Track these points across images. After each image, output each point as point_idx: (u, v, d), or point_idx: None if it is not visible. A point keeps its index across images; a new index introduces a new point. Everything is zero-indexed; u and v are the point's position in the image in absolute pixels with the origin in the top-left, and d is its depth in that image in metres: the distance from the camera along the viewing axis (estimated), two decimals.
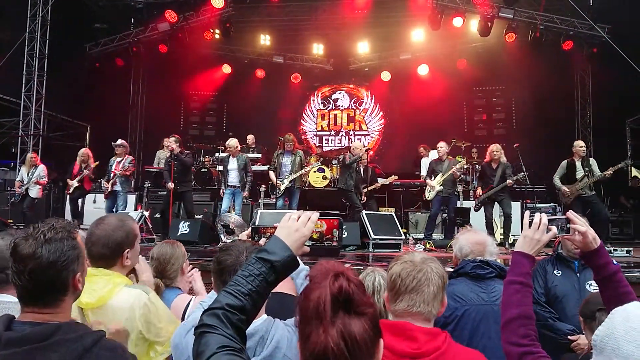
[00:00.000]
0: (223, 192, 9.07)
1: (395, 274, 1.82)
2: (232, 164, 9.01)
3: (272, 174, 9.27)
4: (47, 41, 12.82)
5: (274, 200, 9.31)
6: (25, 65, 12.67)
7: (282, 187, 9.04)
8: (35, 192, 9.68)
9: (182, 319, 2.50)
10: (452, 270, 2.85)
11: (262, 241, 2.30)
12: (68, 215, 9.83)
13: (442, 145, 9.07)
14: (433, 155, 9.77)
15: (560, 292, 3.58)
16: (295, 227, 1.52)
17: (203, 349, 1.24)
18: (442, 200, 8.86)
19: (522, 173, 8.51)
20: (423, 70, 15.01)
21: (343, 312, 1.14)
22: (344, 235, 7.73)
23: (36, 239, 1.50)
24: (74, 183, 9.39)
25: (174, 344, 1.89)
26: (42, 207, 10.03)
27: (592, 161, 8.28)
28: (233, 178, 8.95)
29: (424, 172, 11.43)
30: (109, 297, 2.06)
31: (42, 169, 9.84)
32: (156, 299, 2.23)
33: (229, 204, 8.91)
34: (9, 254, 1.54)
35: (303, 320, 1.18)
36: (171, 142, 8.76)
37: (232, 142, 9.19)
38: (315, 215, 1.58)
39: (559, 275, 3.66)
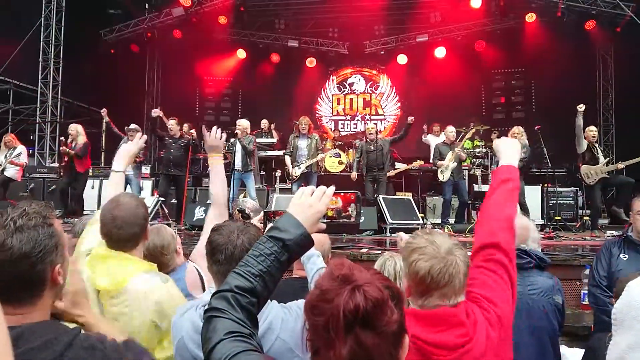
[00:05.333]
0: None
1: (423, 270, 1.62)
2: (238, 146, 8.53)
3: (287, 159, 8.99)
4: (63, 28, 12.86)
5: (290, 185, 9.11)
6: (41, 52, 12.74)
7: (298, 172, 8.77)
8: (12, 172, 9.34)
9: (203, 288, 2.45)
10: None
11: (255, 220, 2.20)
12: (89, 202, 9.67)
13: (451, 130, 9.02)
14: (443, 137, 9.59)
15: None
16: (308, 202, 1.41)
17: (211, 335, 1.18)
18: (453, 185, 8.76)
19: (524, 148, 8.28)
20: (440, 52, 14.73)
21: (359, 328, 1.04)
22: (361, 220, 7.66)
23: (5, 227, 1.28)
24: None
25: (173, 323, 1.84)
26: (56, 194, 9.85)
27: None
28: (238, 161, 8.46)
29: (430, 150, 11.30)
30: (125, 281, 2.01)
31: (20, 150, 9.51)
32: (173, 289, 2.15)
33: (236, 190, 8.38)
34: None
35: (312, 334, 1.10)
36: (173, 125, 8.73)
37: (243, 122, 8.74)
38: (330, 189, 1.47)
39: (625, 259, 3.43)
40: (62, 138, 8.96)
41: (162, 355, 2.01)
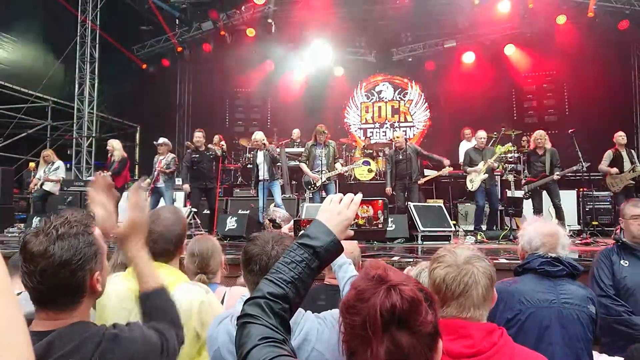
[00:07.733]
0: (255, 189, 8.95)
1: (438, 278, 1.65)
2: (260, 158, 8.71)
3: (304, 167, 8.88)
4: (97, 45, 13.26)
5: (311, 194, 8.96)
6: (77, 69, 13.15)
7: (319, 183, 8.67)
8: (50, 186, 9.62)
9: None
10: (517, 265, 2.65)
11: (285, 228, 2.22)
12: (122, 214, 9.96)
13: (483, 135, 8.93)
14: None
15: (631, 284, 3.28)
16: (337, 209, 1.42)
17: (245, 340, 1.19)
18: (486, 192, 8.62)
19: (579, 164, 8.26)
20: (469, 58, 14.60)
21: (395, 328, 1.05)
22: (391, 228, 7.61)
23: (47, 235, 1.33)
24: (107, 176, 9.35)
25: (208, 334, 1.85)
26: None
27: (633, 153, 8.45)
28: (264, 172, 8.58)
29: (461, 158, 11.16)
30: (170, 289, 2.06)
31: (58, 165, 9.76)
32: (214, 299, 2.21)
33: (266, 200, 8.64)
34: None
35: (348, 335, 1.11)
36: (200, 138, 8.85)
37: (258, 135, 8.87)
38: (358, 196, 1.48)
39: (626, 265, 3.36)
40: (100, 172, 9.29)
41: None
